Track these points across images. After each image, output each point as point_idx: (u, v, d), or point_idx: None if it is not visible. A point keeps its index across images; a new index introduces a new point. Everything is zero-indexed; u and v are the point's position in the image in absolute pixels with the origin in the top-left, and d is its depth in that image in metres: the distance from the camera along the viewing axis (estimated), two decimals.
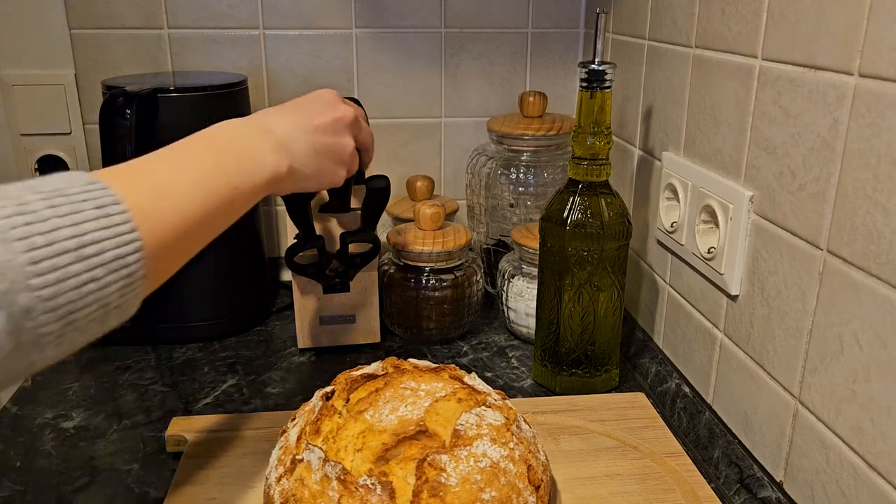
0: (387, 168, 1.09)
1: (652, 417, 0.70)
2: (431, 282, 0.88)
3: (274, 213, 1.10)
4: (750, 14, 0.63)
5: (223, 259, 0.92)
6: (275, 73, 1.04)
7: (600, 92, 0.71)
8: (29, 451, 0.69)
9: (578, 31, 1.08)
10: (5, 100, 0.99)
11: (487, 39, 1.07)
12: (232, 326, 0.93)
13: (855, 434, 0.51)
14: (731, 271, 0.66)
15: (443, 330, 0.90)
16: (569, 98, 1.10)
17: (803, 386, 0.57)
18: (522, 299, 0.88)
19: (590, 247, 0.74)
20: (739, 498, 0.64)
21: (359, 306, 0.87)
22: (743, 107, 0.64)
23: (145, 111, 0.83)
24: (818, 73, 0.54)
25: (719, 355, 0.71)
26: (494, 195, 0.99)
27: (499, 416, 0.55)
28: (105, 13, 0.98)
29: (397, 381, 0.59)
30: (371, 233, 0.81)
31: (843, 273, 0.52)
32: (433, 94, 1.08)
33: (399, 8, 1.03)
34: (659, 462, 0.64)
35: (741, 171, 0.65)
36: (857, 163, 0.50)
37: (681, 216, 0.75)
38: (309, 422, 0.55)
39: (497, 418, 0.55)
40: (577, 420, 0.69)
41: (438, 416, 0.54)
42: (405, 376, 0.59)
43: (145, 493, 0.64)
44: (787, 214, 0.58)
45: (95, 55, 1.00)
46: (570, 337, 0.77)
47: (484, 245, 1.03)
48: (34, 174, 1.01)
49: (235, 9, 1.01)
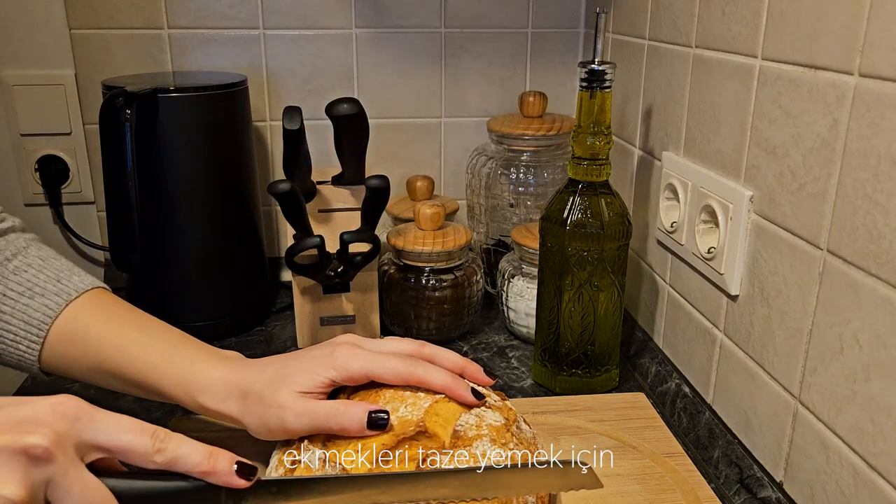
0: (387, 168, 1.09)
1: (652, 417, 0.70)
2: (431, 282, 0.88)
3: (274, 213, 1.10)
4: (750, 14, 0.63)
5: (223, 259, 0.92)
6: (275, 73, 1.04)
7: (600, 92, 0.71)
8: None
9: (578, 31, 1.08)
10: (5, 100, 0.99)
11: (487, 39, 1.07)
12: (232, 326, 0.93)
13: (855, 434, 0.51)
14: (731, 271, 0.66)
15: (443, 330, 0.90)
16: (569, 98, 1.10)
17: (803, 386, 0.57)
18: (522, 299, 0.88)
19: (590, 247, 0.74)
20: (739, 498, 0.64)
21: (359, 306, 0.87)
22: (743, 107, 0.64)
23: (145, 111, 0.83)
24: (818, 73, 0.54)
25: (719, 355, 0.70)
26: (494, 195, 0.99)
27: (499, 416, 0.55)
28: (105, 13, 0.98)
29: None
30: (371, 233, 0.81)
31: (843, 273, 0.52)
32: (433, 94, 1.08)
33: (399, 8, 1.03)
34: (659, 462, 0.64)
35: (741, 171, 0.65)
36: (857, 163, 0.50)
37: (681, 216, 0.75)
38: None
39: (497, 419, 0.55)
40: (576, 420, 0.69)
41: (438, 416, 0.54)
42: None
43: None
44: (787, 214, 0.58)
45: (95, 55, 1.00)
46: (570, 337, 0.77)
47: (484, 245, 1.03)
48: (34, 174, 1.02)
49: (235, 9, 1.01)
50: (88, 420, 0.42)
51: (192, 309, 0.91)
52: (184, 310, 0.90)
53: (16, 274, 0.59)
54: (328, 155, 1.00)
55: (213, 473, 0.45)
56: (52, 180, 1.02)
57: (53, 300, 0.58)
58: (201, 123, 0.87)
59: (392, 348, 0.58)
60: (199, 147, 0.87)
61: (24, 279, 0.59)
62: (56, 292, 0.59)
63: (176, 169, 0.87)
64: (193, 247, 0.90)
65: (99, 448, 0.42)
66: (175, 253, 0.89)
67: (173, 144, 0.86)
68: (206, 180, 0.89)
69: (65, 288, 0.59)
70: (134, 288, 0.92)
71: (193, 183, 0.88)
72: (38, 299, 0.58)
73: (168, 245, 0.88)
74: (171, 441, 0.44)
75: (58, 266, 0.61)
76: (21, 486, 0.38)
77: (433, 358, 0.58)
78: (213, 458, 0.45)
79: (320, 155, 1.03)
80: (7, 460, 0.38)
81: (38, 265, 0.60)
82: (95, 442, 0.42)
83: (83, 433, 0.42)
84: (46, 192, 1.02)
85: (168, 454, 0.43)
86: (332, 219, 0.85)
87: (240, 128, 0.92)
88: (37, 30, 0.97)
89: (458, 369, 0.58)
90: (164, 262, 0.89)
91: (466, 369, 0.58)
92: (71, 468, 0.40)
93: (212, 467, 0.44)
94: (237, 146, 0.91)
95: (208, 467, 0.44)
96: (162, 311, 0.88)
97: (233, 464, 0.45)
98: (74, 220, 1.05)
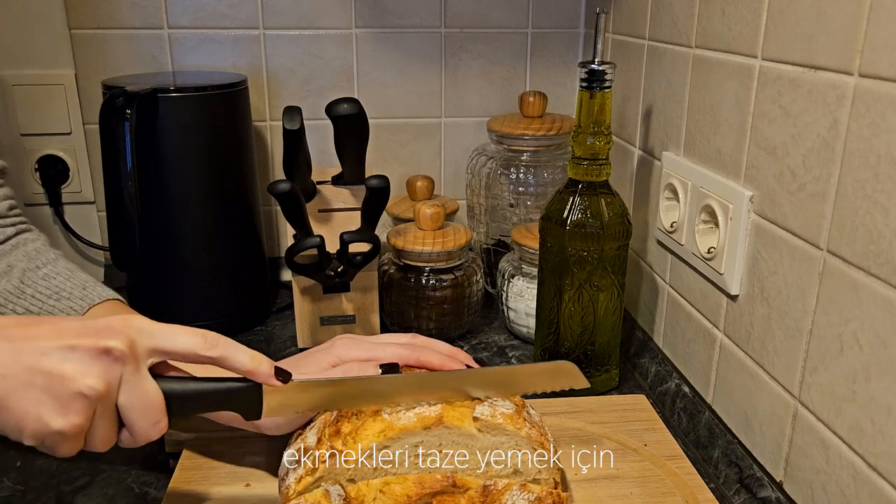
0: (387, 168, 1.09)
1: (652, 420, 0.70)
2: (431, 282, 0.88)
3: (274, 213, 1.10)
4: (750, 14, 0.63)
5: (223, 259, 0.92)
6: (275, 73, 1.04)
7: (600, 92, 0.71)
8: (29, 451, 0.69)
9: (578, 31, 1.08)
10: (5, 100, 0.99)
11: (487, 39, 1.07)
12: (232, 326, 0.93)
13: (855, 434, 0.51)
14: (731, 271, 0.66)
15: (443, 330, 0.90)
16: (569, 98, 1.10)
17: (803, 386, 0.57)
18: (522, 299, 0.88)
19: (590, 247, 0.74)
20: (739, 498, 0.64)
21: (359, 306, 0.87)
22: (743, 107, 0.64)
23: (145, 111, 0.83)
24: (818, 73, 0.54)
25: (719, 355, 0.70)
26: (494, 195, 0.99)
27: (509, 404, 0.57)
28: (105, 13, 0.98)
29: None
30: (371, 233, 0.81)
31: (843, 273, 0.52)
32: (433, 94, 1.08)
33: (399, 8, 1.03)
34: (659, 465, 0.64)
35: (741, 171, 0.65)
36: (857, 163, 0.50)
37: (681, 216, 0.75)
38: (328, 423, 0.55)
39: (508, 406, 0.56)
40: (577, 422, 0.69)
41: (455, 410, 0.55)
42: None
43: (145, 493, 0.64)
44: (787, 214, 0.58)
45: (95, 55, 1.00)
46: (570, 337, 0.77)
47: (484, 245, 1.03)
48: (34, 174, 1.02)
49: (235, 9, 1.01)
50: (151, 329, 0.48)
51: (192, 309, 0.91)
52: (183, 309, 0.90)
53: (45, 280, 0.65)
54: (328, 155, 1.00)
55: (256, 373, 0.50)
56: (52, 180, 1.02)
57: (78, 304, 0.64)
58: (201, 123, 0.87)
59: (388, 341, 0.63)
60: (199, 147, 0.87)
61: (52, 285, 0.65)
62: (81, 297, 0.65)
63: (176, 169, 0.87)
64: (193, 247, 0.90)
65: (161, 352, 0.48)
66: (175, 253, 0.89)
67: (173, 144, 0.86)
68: (206, 180, 0.89)
69: (88, 295, 0.65)
70: (134, 288, 0.92)
71: (193, 183, 0.88)
72: (65, 302, 0.64)
73: (168, 245, 0.88)
74: (220, 340, 0.49)
75: (83, 277, 0.68)
76: (101, 379, 0.44)
77: (426, 346, 0.63)
78: (257, 359, 0.50)
79: (320, 155, 1.03)
80: (92, 358, 0.44)
81: (66, 274, 0.67)
82: (159, 347, 0.48)
83: (147, 340, 0.47)
84: (46, 192, 1.02)
85: (220, 349, 0.49)
86: (332, 219, 0.85)
87: (240, 128, 0.92)
88: (37, 30, 0.97)
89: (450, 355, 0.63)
90: (164, 261, 0.89)
91: (458, 356, 0.63)
92: (138, 370, 0.47)
93: (256, 367, 0.50)
94: (237, 146, 0.91)
95: (252, 367, 0.49)
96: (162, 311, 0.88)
97: (272, 366, 0.50)
98: (74, 220, 1.05)
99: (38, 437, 0.44)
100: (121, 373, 0.46)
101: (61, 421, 0.44)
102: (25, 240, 0.69)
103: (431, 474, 0.53)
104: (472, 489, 0.53)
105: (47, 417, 0.44)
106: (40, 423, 0.44)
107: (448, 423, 0.53)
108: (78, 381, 0.44)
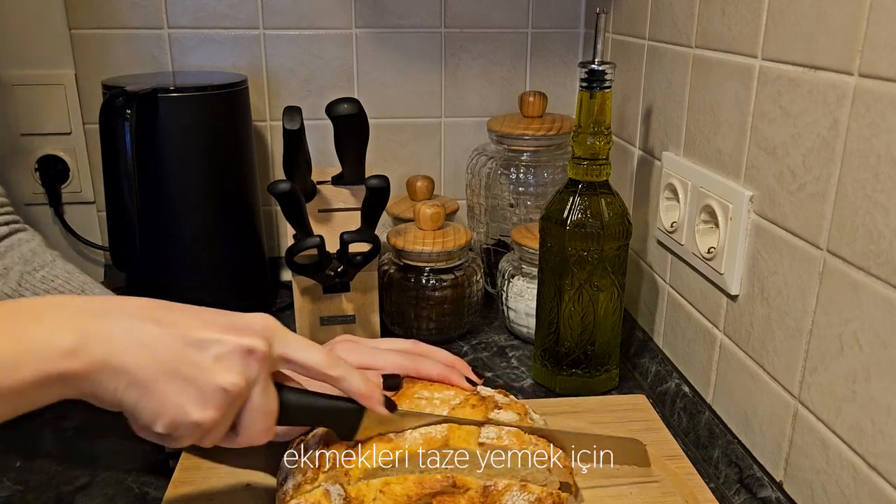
0: (387, 168, 1.09)
1: (652, 420, 0.70)
2: (431, 282, 0.88)
3: (274, 213, 1.10)
4: (750, 14, 0.63)
5: (223, 259, 0.92)
6: (275, 73, 1.04)
7: (600, 92, 0.71)
8: (29, 451, 0.69)
9: (578, 31, 1.08)
10: (5, 100, 0.99)
11: (487, 39, 1.07)
12: None
13: (855, 434, 0.51)
14: (731, 271, 0.66)
15: (443, 330, 0.90)
16: (569, 98, 1.10)
17: (803, 386, 0.57)
18: (522, 299, 0.88)
19: (590, 247, 0.74)
20: (739, 498, 0.64)
21: (359, 306, 0.87)
22: (743, 107, 0.64)
23: (145, 111, 0.83)
24: (818, 73, 0.54)
25: (719, 355, 0.70)
26: (494, 195, 0.99)
27: (512, 414, 0.57)
28: (105, 13, 0.98)
29: (410, 390, 0.59)
30: (371, 233, 0.81)
31: (843, 273, 0.52)
32: (433, 94, 1.08)
33: (399, 8, 1.03)
34: (659, 465, 0.64)
35: (741, 171, 0.65)
36: (857, 163, 0.50)
37: (681, 216, 0.75)
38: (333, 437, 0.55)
39: (511, 418, 0.56)
40: (577, 422, 0.69)
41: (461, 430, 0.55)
42: (416, 385, 0.60)
43: (145, 493, 0.64)
44: (787, 214, 0.58)
45: (95, 55, 1.00)
46: (570, 337, 0.77)
47: (484, 245, 1.03)
48: (34, 174, 1.02)
49: (235, 9, 1.01)
50: (286, 337, 0.48)
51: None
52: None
53: (44, 283, 0.65)
54: (328, 155, 1.00)
55: (369, 398, 0.51)
56: (52, 180, 1.02)
57: None
58: (201, 123, 0.87)
59: (387, 346, 0.63)
60: (199, 147, 0.87)
61: (51, 287, 0.65)
62: None
63: (176, 169, 0.87)
64: (193, 247, 0.90)
65: (289, 361, 0.48)
66: (175, 253, 0.89)
67: (173, 144, 0.86)
68: (206, 180, 0.89)
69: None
70: (133, 288, 0.92)
71: (193, 183, 0.88)
72: None
73: (168, 245, 0.88)
74: (340, 361, 0.50)
75: (81, 279, 0.67)
76: (242, 377, 0.45)
77: (426, 355, 0.62)
78: (371, 386, 0.51)
79: (320, 155, 1.03)
80: (236, 356, 0.45)
81: (64, 277, 0.66)
82: (289, 356, 0.48)
83: (281, 347, 0.48)
84: (46, 192, 1.02)
85: (339, 371, 0.50)
86: (332, 219, 0.85)
87: (240, 128, 0.92)
88: (37, 30, 0.97)
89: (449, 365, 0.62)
90: (164, 261, 0.89)
91: (456, 365, 0.62)
92: (269, 374, 0.47)
93: (369, 393, 0.51)
94: (237, 146, 0.91)
95: (366, 392, 0.51)
96: None
97: (382, 395, 0.52)
98: (74, 220, 1.05)
99: (173, 425, 0.43)
100: (256, 373, 0.46)
101: (200, 413, 0.43)
102: (20, 240, 0.68)
103: (431, 475, 0.53)
104: (472, 489, 0.53)
105: (188, 407, 0.43)
106: (180, 412, 0.43)
107: (454, 444, 0.53)
108: (223, 375, 0.44)
